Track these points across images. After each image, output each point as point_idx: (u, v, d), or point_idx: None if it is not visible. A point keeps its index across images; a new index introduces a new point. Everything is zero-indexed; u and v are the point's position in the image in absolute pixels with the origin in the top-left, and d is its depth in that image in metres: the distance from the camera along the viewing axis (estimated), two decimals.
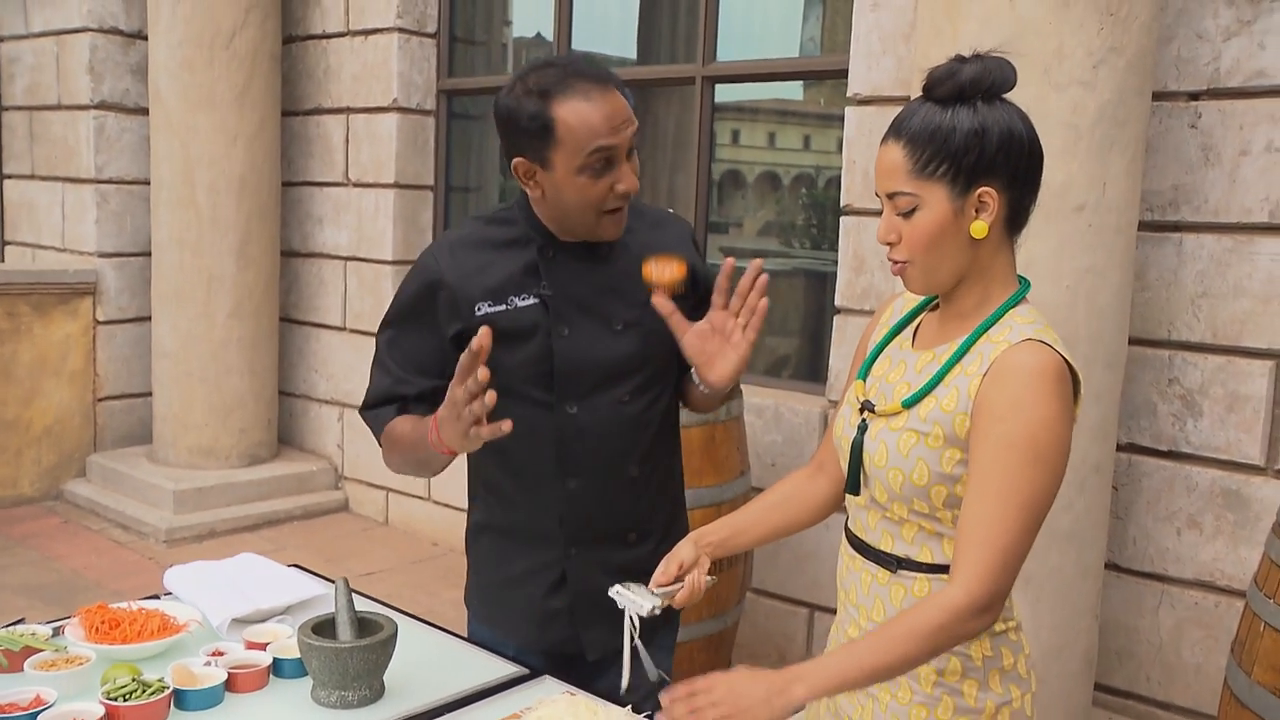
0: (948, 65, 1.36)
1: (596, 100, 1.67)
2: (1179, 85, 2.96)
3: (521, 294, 1.77)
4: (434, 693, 1.71)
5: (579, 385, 1.79)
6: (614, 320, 1.80)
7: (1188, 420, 2.99)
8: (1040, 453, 1.31)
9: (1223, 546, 2.95)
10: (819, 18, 4.46)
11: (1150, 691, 3.09)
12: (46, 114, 5.78)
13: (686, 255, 1.81)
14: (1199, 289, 2.95)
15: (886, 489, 1.44)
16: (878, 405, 1.47)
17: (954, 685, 1.45)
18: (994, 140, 1.34)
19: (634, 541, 1.89)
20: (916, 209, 1.37)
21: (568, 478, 1.82)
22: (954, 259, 1.39)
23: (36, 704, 1.53)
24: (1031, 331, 1.37)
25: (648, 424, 1.85)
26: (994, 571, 1.31)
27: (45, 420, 5.42)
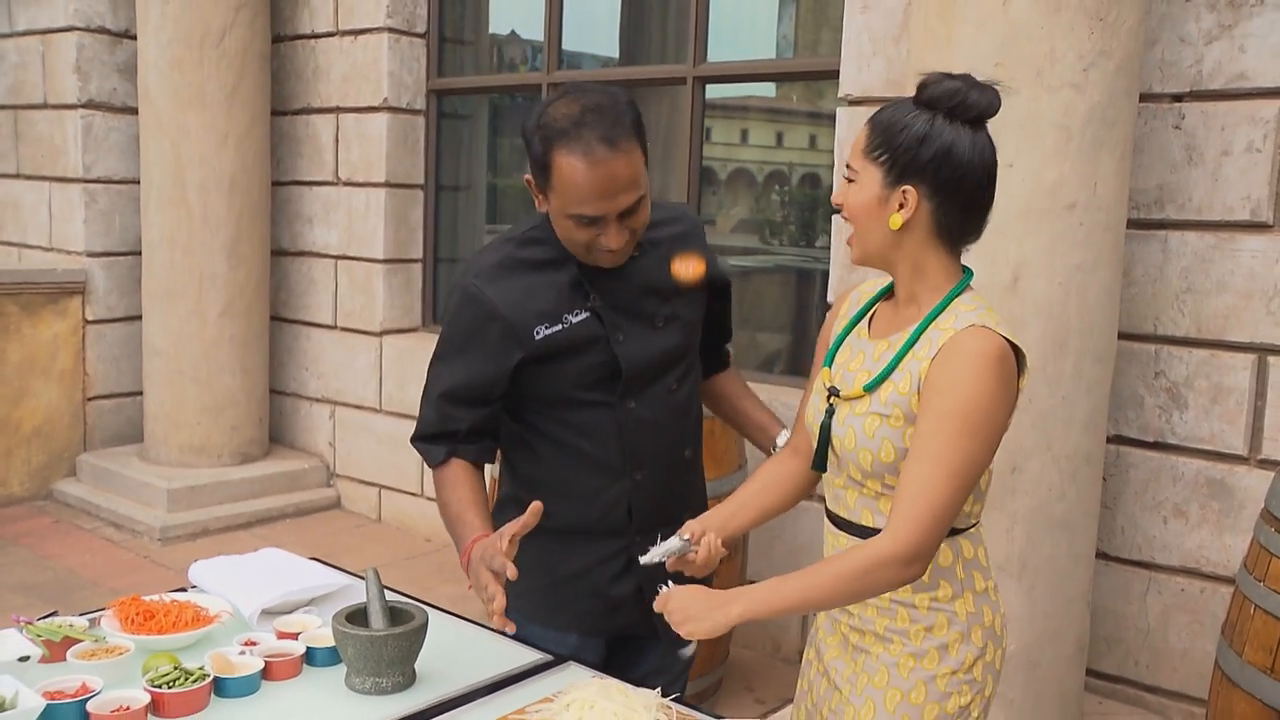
0: (936, 75, 1.51)
1: (595, 165, 1.70)
2: (1163, 87, 3.05)
3: (574, 310, 1.86)
4: (464, 679, 1.77)
5: (637, 383, 1.92)
6: (656, 318, 1.92)
7: (1173, 412, 3.09)
8: (972, 426, 1.45)
9: (1208, 534, 3.05)
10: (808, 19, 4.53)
11: (1138, 675, 3.18)
12: (32, 113, 5.76)
13: (701, 250, 1.98)
14: (1184, 285, 3.05)
15: (859, 468, 1.57)
16: (842, 390, 1.60)
17: (941, 640, 1.59)
18: (931, 150, 1.48)
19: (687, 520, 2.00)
20: (853, 181, 1.53)
21: (634, 470, 1.94)
22: (878, 240, 1.54)
23: (83, 692, 1.57)
24: (975, 318, 1.50)
25: (690, 408, 2.02)
26: (920, 527, 1.45)
27: (34, 420, 5.41)
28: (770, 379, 4.14)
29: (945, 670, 1.58)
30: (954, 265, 1.57)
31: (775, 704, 3.45)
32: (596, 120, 1.71)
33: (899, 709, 1.58)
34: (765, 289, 4.76)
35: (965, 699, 1.59)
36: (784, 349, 4.49)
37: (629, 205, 1.75)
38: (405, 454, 5.11)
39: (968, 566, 1.61)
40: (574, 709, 1.60)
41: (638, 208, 1.78)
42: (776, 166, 4.88)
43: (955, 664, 1.59)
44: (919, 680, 1.58)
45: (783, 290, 4.69)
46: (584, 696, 1.62)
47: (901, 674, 1.59)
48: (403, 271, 5.25)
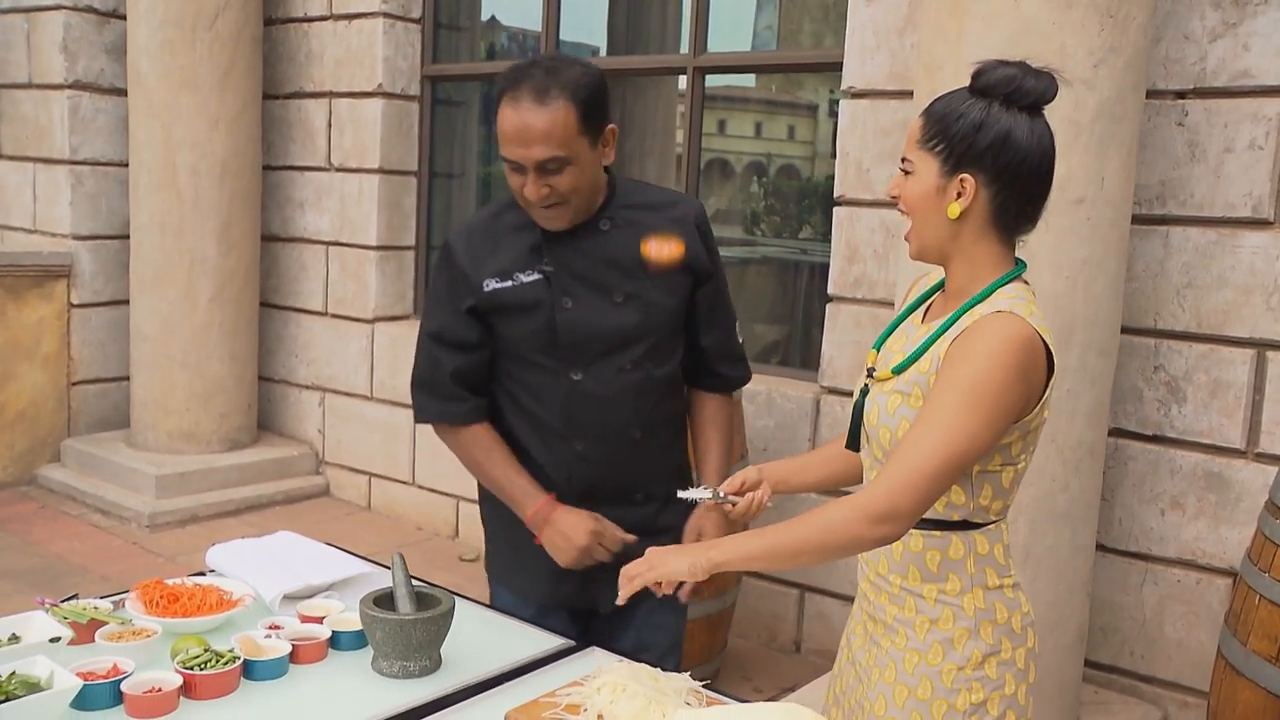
0: (991, 62, 1.50)
1: (521, 111, 1.80)
2: (1167, 84, 3.08)
3: (526, 270, 1.94)
4: (489, 664, 1.78)
5: (583, 353, 1.95)
6: (615, 292, 1.94)
7: (1172, 406, 3.13)
8: (975, 400, 1.42)
9: (1204, 526, 3.09)
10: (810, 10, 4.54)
11: (1134, 665, 3.23)
12: (16, 92, 5.68)
13: (684, 237, 1.98)
14: (1184, 280, 3.09)
15: (879, 445, 1.58)
16: (877, 372, 1.61)
17: (945, 634, 1.56)
18: (988, 138, 1.46)
19: (640, 501, 2.04)
20: (911, 174, 1.52)
21: (575, 440, 1.98)
22: (935, 231, 1.53)
23: (115, 673, 1.56)
24: (1007, 305, 1.48)
25: (649, 391, 2.00)
26: (896, 487, 1.43)
27: (18, 404, 5.35)
28: (768, 370, 4.16)
29: (951, 666, 1.55)
30: (1006, 256, 1.55)
31: (773, 692, 3.47)
32: (536, 74, 1.82)
33: (907, 704, 1.57)
34: (763, 279, 4.78)
35: (977, 696, 1.55)
36: (781, 341, 4.51)
37: (542, 158, 1.81)
38: (397, 442, 5.10)
39: (980, 562, 1.57)
40: (605, 692, 1.60)
41: (558, 168, 1.83)
42: (775, 159, 4.89)
43: (961, 660, 1.55)
44: (923, 675, 1.56)
45: (779, 282, 4.70)
46: (615, 680, 1.62)
47: (907, 669, 1.58)
48: (395, 258, 5.22)
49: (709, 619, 3.39)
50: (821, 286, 3.86)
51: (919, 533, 1.55)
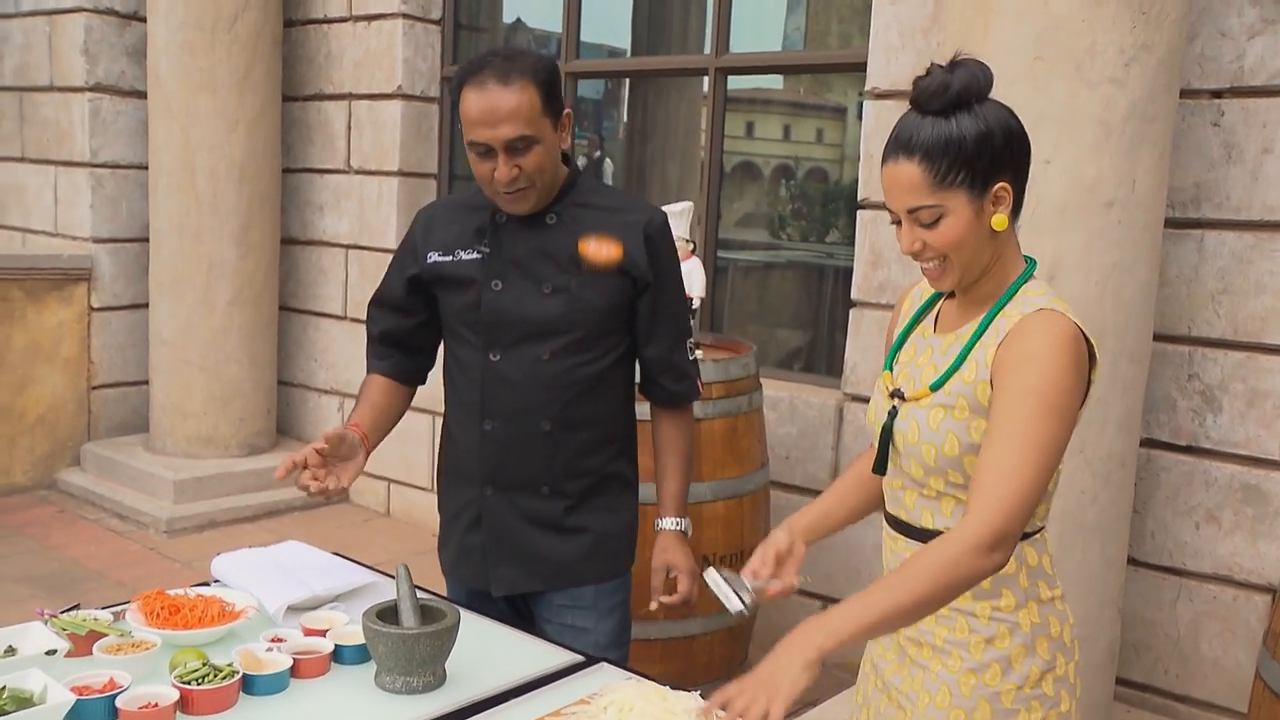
0: (937, 77, 1.43)
1: (483, 94, 1.84)
2: (1202, 83, 2.99)
3: (467, 249, 2.01)
4: (494, 679, 1.72)
5: (502, 336, 1.99)
6: (544, 283, 1.98)
7: (1207, 416, 3.03)
8: (1051, 404, 1.38)
9: (1241, 541, 2.99)
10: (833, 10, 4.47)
11: (1168, 684, 3.13)
12: (37, 95, 5.69)
13: (627, 242, 1.98)
14: (1220, 285, 2.99)
15: (921, 464, 1.51)
16: (907, 391, 1.54)
17: (1003, 652, 1.50)
18: (1000, 139, 1.43)
19: (546, 495, 2.04)
20: (941, 217, 1.44)
21: (485, 418, 2.02)
22: (982, 254, 1.48)
23: (111, 687, 1.52)
24: (1044, 302, 1.46)
25: (567, 385, 2.00)
26: (1006, 509, 1.36)
27: (38, 408, 5.34)
28: (791, 376, 4.09)
29: (1010, 686, 1.50)
30: (1020, 250, 1.55)
31: (794, 707, 3.39)
32: (495, 61, 1.86)
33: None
34: (785, 284, 4.70)
35: (1036, 715, 1.51)
36: (804, 347, 4.43)
37: (511, 137, 1.84)
38: (415, 448, 5.05)
39: (1032, 575, 1.53)
40: (612, 711, 1.55)
41: (526, 148, 1.86)
42: (799, 161, 4.82)
43: (1020, 678, 1.50)
44: (982, 698, 1.50)
45: (800, 287, 4.63)
46: (622, 699, 1.58)
47: (963, 692, 1.51)
48: None
49: (728, 631, 3.32)
50: (845, 291, 3.79)
51: None
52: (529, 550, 2.04)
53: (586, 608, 2.07)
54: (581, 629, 2.06)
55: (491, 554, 2.06)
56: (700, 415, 3.13)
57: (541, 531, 2.04)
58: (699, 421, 3.13)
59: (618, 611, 2.13)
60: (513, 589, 2.07)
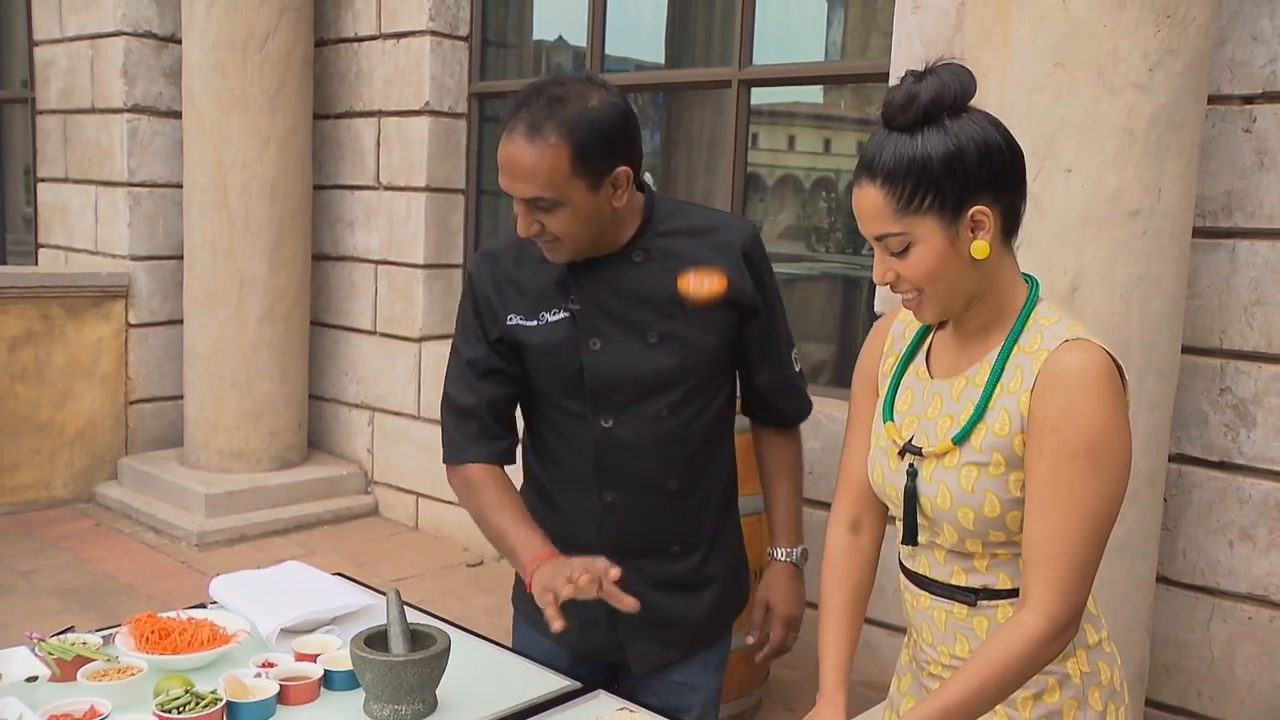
0: (904, 88, 1.29)
1: (511, 144, 1.66)
2: (1233, 88, 2.90)
3: (552, 309, 1.79)
4: (487, 706, 1.69)
5: (613, 399, 1.79)
6: (649, 332, 1.78)
7: (1240, 431, 2.93)
8: (1099, 459, 1.27)
9: (1277, 560, 2.89)
10: (856, 21, 4.42)
11: (1201, 708, 3.02)
12: (80, 117, 5.80)
13: (728, 268, 1.79)
14: (1252, 296, 2.90)
15: (957, 528, 1.38)
16: (923, 446, 1.41)
17: (1053, 707, 1.41)
18: (973, 157, 1.28)
19: (677, 555, 1.89)
20: (910, 245, 1.31)
21: (604, 490, 1.83)
22: (963, 283, 1.34)
23: (91, 715, 1.52)
24: (1065, 331, 1.33)
25: (688, 439, 1.83)
26: (1069, 589, 1.28)
27: (77, 423, 5.44)
28: (817, 390, 4.02)
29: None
30: (1019, 272, 1.40)
31: None
32: (535, 105, 1.66)
33: None
34: (808, 296, 4.65)
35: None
36: (830, 359, 4.37)
37: (527, 196, 1.67)
38: None
39: None
40: None
41: (549, 208, 1.68)
42: (825, 173, 4.77)
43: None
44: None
45: (829, 299, 4.57)
46: None
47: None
48: (443, 277, 5.20)
49: (748, 650, 3.27)
50: (869, 305, 3.73)
51: (1007, 603, 1.40)
52: (664, 618, 1.86)
53: (698, 665, 1.94)
54: (690, 686, 1.93)
55: (625, 629, 1.86)
56: None
57: (673, 595, 1.87)
58: None
59: (722, 668, 2.00)
60: (653, 662, 1.90)
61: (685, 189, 5.14)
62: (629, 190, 1.74)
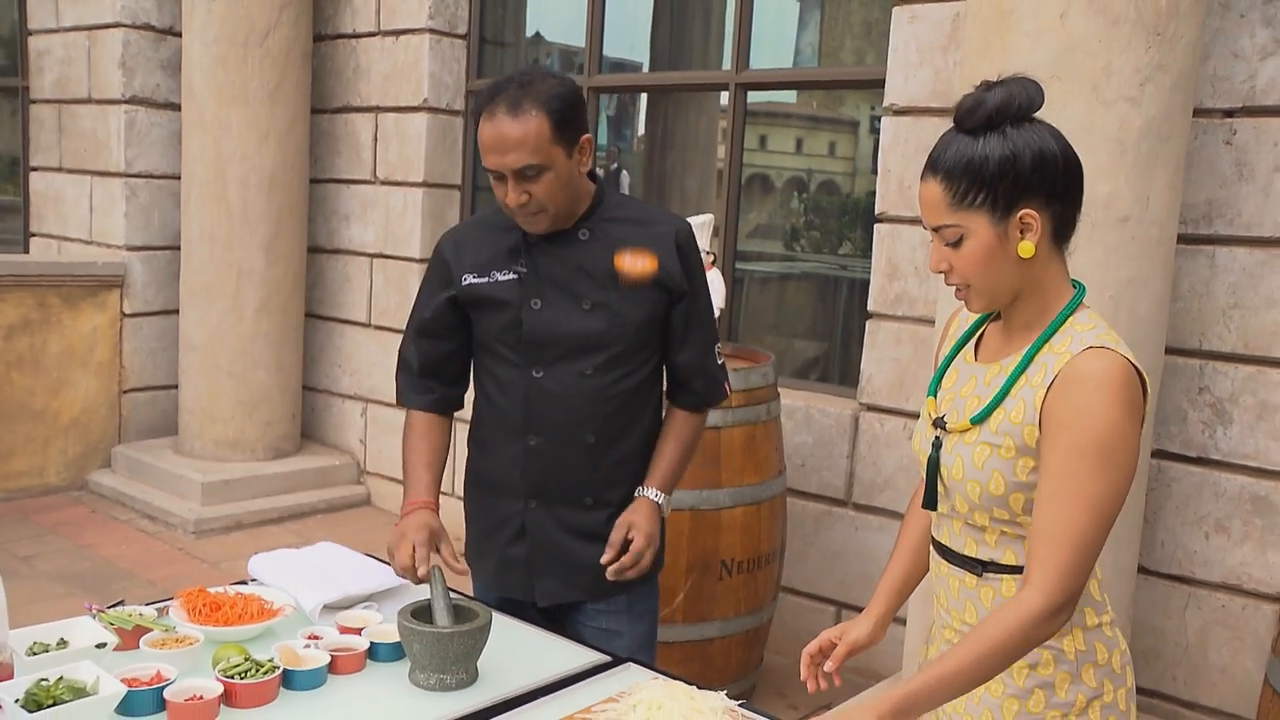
0: (975, 95, 1.42)
1: (495, 122, 1.90)
2: (1215, 102, 3.04)
3: (503, 270, 2.05)
4: (525, 678, 1.79)
5: (545, 353, 2.04)
6: (584, 299, 2.03)
7: (1217, 428, 3.08)
8: (1108, 457, 1.37)
9: (1250, 551, 3.04)
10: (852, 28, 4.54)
11: (1176, 691, 3.18)
12: (76, 107, 5.82)
13: (660, 253, 2.05)
14: (1230, 300, 3.04)
15: (966, 500, 1.50)
16: (950, 421, 1.53)
17: (1046, 678, 1.50)
18: (1026, 163, 1.39)
19: (590, 506, 2.11)
20: (963, 238, 1.43)
21: (529, 434, 2.07)
22: (1008, 279, 1.45)
23: (158, 679, 1.60)
24: (1093, 338, 1.41)
25: (608, 399, 2.06)
26: (1067, 574, 1.37)
27: (72, 411, 5.47)
28: (808, 386, 4.15)
29: (1054, 713, 1.50)
30: (1065, 275, 1.50)
31: (808, 710, 3.45)
32: (510, 89, 1.92)
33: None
34: (803, 295, 4.77)
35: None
36: (820, 357, 4.49)
37: (519, 165, 1.90)
38: None
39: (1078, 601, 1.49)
40: (641, 709, 1.61)
41: (535, 175, 1.92)
42: (814, 174, 4.89)
43: (1064, 705, 1.49)
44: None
45: (821, 298, 4.69)
46: (650, 697, 1.64)
47: (1006, 718, 1.52)
48: None
49: (745, 635, 3.39)
50: (862, 303, 3.85)
51: (1010, 577, 1.50)
52: (572, 561, 2.08)
53: (620, 612, 2.14)
54: (615, 632, 2.13)
55: (535, 566, 2.10)
56: (720, 423, 3.20)
57: (584, 542, 2.08)
58: (719, 430, 3.20)
59: (649, 616, 2.20)
60: (556, 599, 2.12)
61: (679, 188, 5.25)
62: (589, 158, 2.02)
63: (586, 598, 2.12)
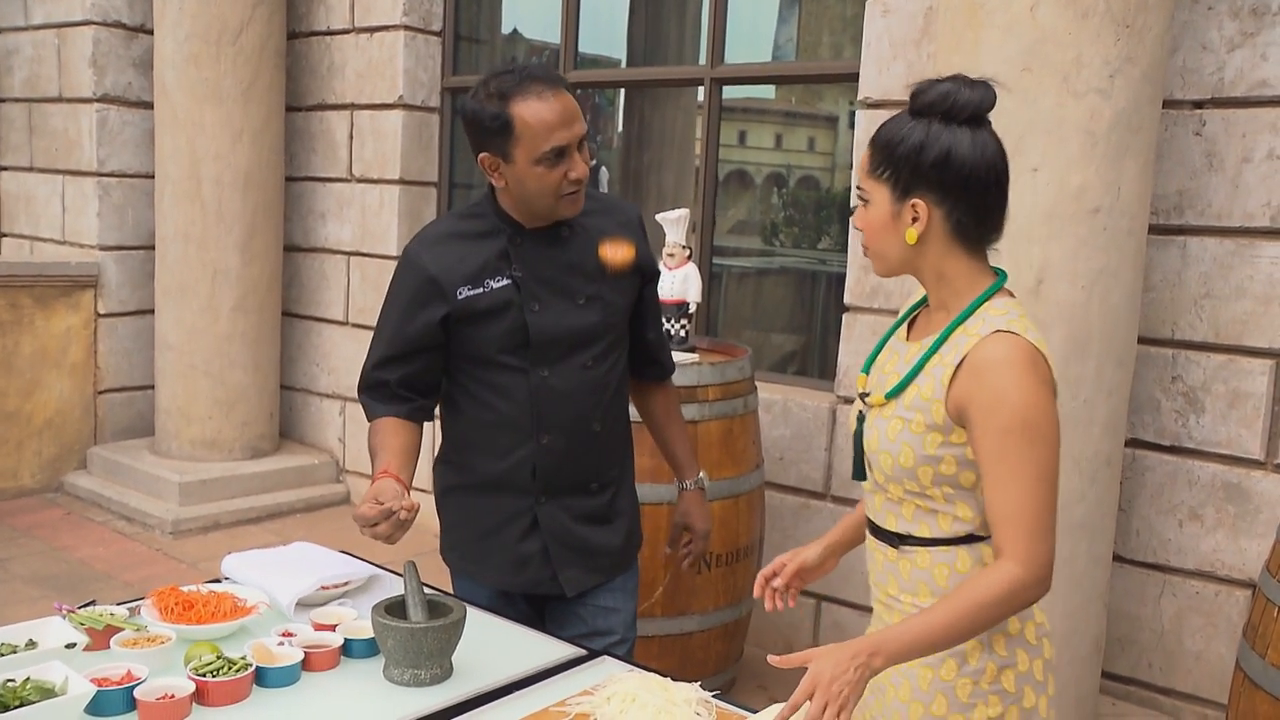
0: (929, 82, 1.50)
1: (550, 101, 1.92)
2: (1184, 94, 3.07)
3: (496, 277, 2.03)
4: (500, 672, 1.79)
5: (550, 353, 2.06)
6: (578, 295, 2.06)
7: (1190, 416, 3.11)
8: (1035, 432, 1.44)
9: (1223, 538, 3.07)
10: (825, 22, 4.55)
11: (1151, 677, 3.20)
12: (46, 106, 5.77)
13: (635, 239, 2.12)
14: (1202, 290, 3.07)
15: (881, 471, 1.57)
16: (872, 396, 1.61)
17: (958, 648, 1.53)
18: (930, 158, 1.46)
19: (595, 490, 2.16)
20: (869, 203, 1.53)
21: (542, 433, 2.08)
22: (897, 254, 1.54)
23: (129, 679, 1.59)
24: (1002, 323, 1.48)
25: (607, 385, 2.13)
26: (1036, 541, 1.44)
27: (46, 412, 5.42)
28: (785, 379, 4.16)
29: (965, 680, 1.54)
30: (980, 268, 1.55)
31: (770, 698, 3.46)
32: (534, 73, 1.95)
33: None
34: (779, 289, 4.78)
35: (995, 710, 1.54)
36: (798, 351, 4.51)
37: (584, 133, 1.96)
38: None
39: None
40: (615, 702, 1.62)
41: (584, 144, 1.98)
42: (791, 169, 4.90)
43: (974, 672, 1.54)
44: (939, 691, 1.55)
45: (798, 292, 4.70)
46: (625, 690, 1.64)
47: (922, 686, 1.57)
48: None
49: (725, 628, 3.39)
50: (838, 296, 3.86)
51: (926, 550, 1.56)
52: (589, 548, 2.15)
53: (617, 590, 2.21)
54: (614, 609, 2.20)
55: (557, 557, 2.13)
56: (697, 417, 3.21)
57: (595, 527, 2.15)
58: (695, 423, 3.20)
59: (635, 592, 2.29)
60: (582, 586, 2.16)
61: (656, 184, 5.25)
62: None
63: (603, 580, 2.19)
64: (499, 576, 2.17)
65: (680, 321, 3.45)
